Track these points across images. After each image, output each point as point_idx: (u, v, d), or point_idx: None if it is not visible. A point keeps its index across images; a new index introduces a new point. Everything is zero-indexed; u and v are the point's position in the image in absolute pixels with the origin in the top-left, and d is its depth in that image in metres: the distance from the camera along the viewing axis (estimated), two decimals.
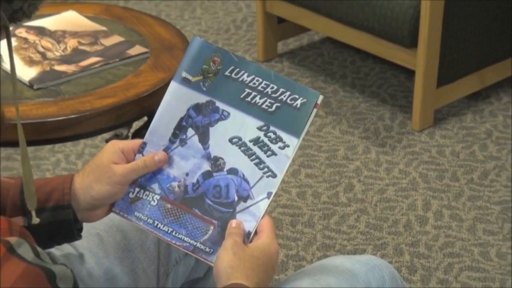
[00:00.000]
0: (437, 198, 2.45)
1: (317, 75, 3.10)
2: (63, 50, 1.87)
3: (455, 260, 2.22)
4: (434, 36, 2.61)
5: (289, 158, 1.17)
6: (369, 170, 2.58)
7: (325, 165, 2.60)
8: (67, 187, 1.20)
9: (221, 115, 1.20)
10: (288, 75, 3.07)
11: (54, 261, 0.90)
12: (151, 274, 1.34)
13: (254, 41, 3.33)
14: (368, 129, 2.78)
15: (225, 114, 1.20)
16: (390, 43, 2.72)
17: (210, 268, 1.33)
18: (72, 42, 1.90)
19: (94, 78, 1.78)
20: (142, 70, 1.81)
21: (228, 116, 1.20)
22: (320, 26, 2.97)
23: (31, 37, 1.91)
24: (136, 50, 1.86)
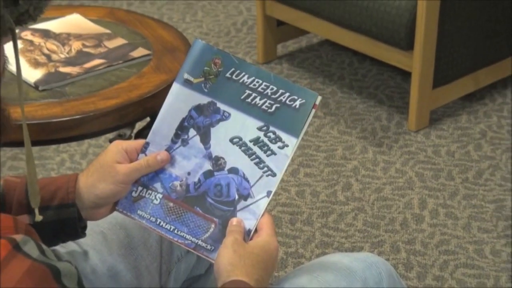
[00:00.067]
0: (433, 196, 2.45)
1: (315, 77, 3.10)
2: (68, 52, 1.86)
3: (451, 257, 2.21)
4: (429, 38, 2.61)
5: (288, 157, 1.17)
6: (366, 169, 2.58)
7: (323, 164, 2.60)
8: (72, 186, 1.20)
9: (222, 116, 1.20)
10: (287, 77, 3.07)
11: (59, 258, 0.89)
12: (154, 271, 1.34)
13: (254, 43, 3.32)
14: (365, 129, 2.78)
15: (226, 115, 1.20)
16: (387, 46, 2.72)
17: (211, 265, 1.33)
18: (76, 45, 1.89)
19: (98, 80, 1.78)
20: (145, 72, 1.81)
21: (229, 116, 1.20)
22: (318, 29, 2.97)
23: (37, 39, 1.91)
24: (139, 52, 1.86)
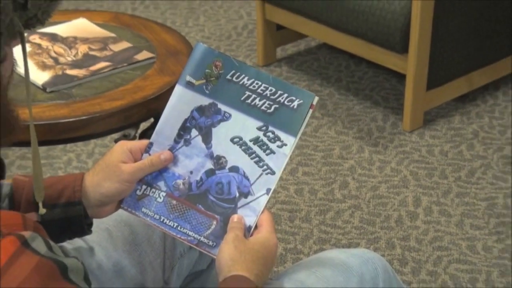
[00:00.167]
0: (426, 194, 2.45)
1: (313, 79, 3.10)
2: (75, 55, 1.87)
3: (444, 253, 2.21)
4: (424, 42, 2.61)
5: (286, 156, 1.17)
6: (362, 168, 2.58)
7: (321, 163, 2.60)
8: (78, 185, 1.20)
9: (223, 117, 1.20)
10: (286, 79, 3.07)
11: (66, 254, 0.90)
12: (157, 266, 1.34)
13: (255, 46, 3.32)
14: (361, 129, 2.78)
15: (226, 116, 1.20)
16: (382, 49, 2.72)
17: (213, 260, 1.33)
18: (83, 48, 1.89)
19: (103, 82, 1.78)
20: (149, 74, 1.81)
21: (229, 117, 1.20)
22: (316, 33, 2.97)
23: (44, 43, 1.91)
24: (143, 55, 1.86)
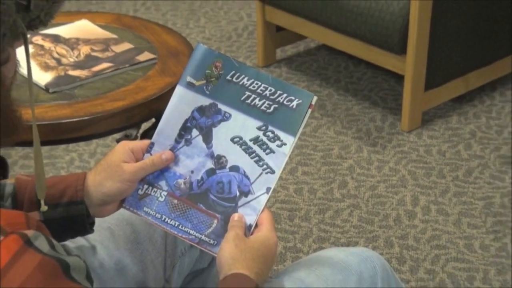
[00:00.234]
0: (424, 194, 2.45)
1: (313, 80, 3.10)
2: (77, 56, 1.86)
3: (442, 252, 2.21)
4: (422, 43, 2.61)
5: (286, 155, 1.17)
6: (361, 168, 2.57)
7: (320, 163, 2.60)
8: (80, 184, 1.20)
9: (223, 117, 1.20)
10: (286, 80, 3.07)
11: (68, 252, 0.89)
12: (159, 265, 1.34)
13: (255, 48, 3.32)
14: (360, 129, 2.78)
15: (227, 116, 1.20)
16: (381, 50, 2.71)
17: (213, 259, 1.33)
18: (85, 49, 1.89)
19: (105, 83, 1.77)
20: (150, 75, 1.80)
21: (229, 117, 1.20)
22: (315, 34, 2.97)
23: (47, 44, 1.91)
24: (144, 56, 1.86)
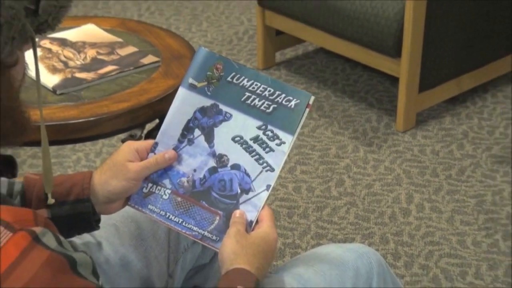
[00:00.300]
0: (419, 192, 2.45)
1: (311, 82, 3.10)
2: (83, 59, 1.87)
3: (435, 248, 2.21)
4: (416, 47, 2.61)
5: (285, 153, 1.17)
6: (357, 167, 2.58)
7: (318, 162, 2.60)
8: (87, 183, 1.20)
9: (224, 117, 1.20)
10: (284, 82, 3.07)
11: (75, 248, 0.90)
12: (162, 260, 1.34)
13: (255, 51, 3.32)
14: (357, 130, 2.78)
15: (228, 116, 1.20)
16: (376, 53, 2.72)
17: (215, 254, 1.33)
18: (91, 52, 1.90)
19: (111, 85, 1.78)
20: (154, 77, 1.81)
21: (230, 117, 1.20)
22: (314, 38, 2.97)
23: (55, 47, 1.91)
24: (148, 59, 1.86)
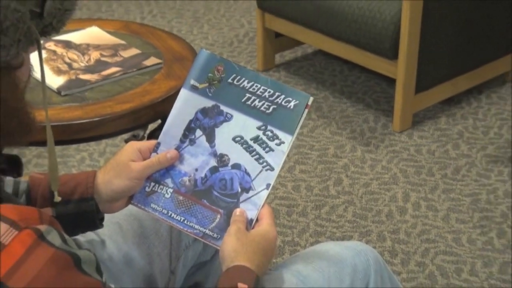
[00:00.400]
0: (415, 191, 2.45)
1: (310, 83, 3.10)
2: (87, 61, 1.86)
3: (431, 245, 2.21)
4: (412, 49, 2.61)
5: (284, 153, 1.17)
6: (355, 166, 2.57)
7: (317, 162, 2.60)
8: (91, 182, 1.20)
9: (225, 117, 1.20)
10: (284, 83, 3.06)
11: (79, 246, 0.89)
12: (164, 257, 1.34)
13: (255, 53, 3.32)
14: (354, 130, 2.77)
15: (228, 116, 1.20)
16: (374, 55, 2.71)
17: (216, 252, 1.33)
18: (95, 54, 1.89)
19: (114, 86, 1.77)
20: (156, 78, 1.80)
21: (231, 118, 1.19)
22: (312, 40, 2.97)
23: (59, 49, 1.91)
24: (151, 61, 1.86)
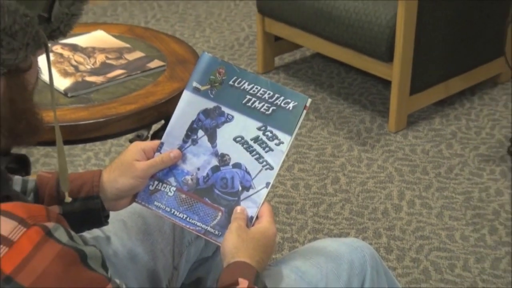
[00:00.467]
0: (410, 189, 2.45)
1: (308, 85, 3.10)
2: (93, 64, 1.86)
3: (425, 242, 2.21)
4: (407, 52, 2.61)
5: (283, 153, 1.17)
6: (352, 165, 2.57)
7: (315, 161, 2.60)
8: (96, 181, 1.20)
9: (226, 118, 1.20)
10: (283, 85, 3.06)
11: (85, 243, 0.90)
12: (168, 253, 1.34)
13: (255, 56, 3.32)
14: (351, 130, 2.78)
15: (229, 117, 1.20)
16: (370, 58, 2.72)
17: (217, 248, 1.33)
18: (100, 57, 1.89)
19: (119, 88, 1.78)
20: (160, 80, 1.80)
21: (232, 119, 1.20)
22: (311, 44, 2.97)
23: (66, 52, 1.91)
24: (154, 63, 1.86)
